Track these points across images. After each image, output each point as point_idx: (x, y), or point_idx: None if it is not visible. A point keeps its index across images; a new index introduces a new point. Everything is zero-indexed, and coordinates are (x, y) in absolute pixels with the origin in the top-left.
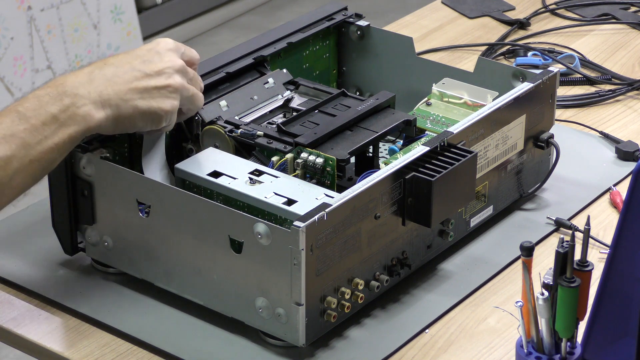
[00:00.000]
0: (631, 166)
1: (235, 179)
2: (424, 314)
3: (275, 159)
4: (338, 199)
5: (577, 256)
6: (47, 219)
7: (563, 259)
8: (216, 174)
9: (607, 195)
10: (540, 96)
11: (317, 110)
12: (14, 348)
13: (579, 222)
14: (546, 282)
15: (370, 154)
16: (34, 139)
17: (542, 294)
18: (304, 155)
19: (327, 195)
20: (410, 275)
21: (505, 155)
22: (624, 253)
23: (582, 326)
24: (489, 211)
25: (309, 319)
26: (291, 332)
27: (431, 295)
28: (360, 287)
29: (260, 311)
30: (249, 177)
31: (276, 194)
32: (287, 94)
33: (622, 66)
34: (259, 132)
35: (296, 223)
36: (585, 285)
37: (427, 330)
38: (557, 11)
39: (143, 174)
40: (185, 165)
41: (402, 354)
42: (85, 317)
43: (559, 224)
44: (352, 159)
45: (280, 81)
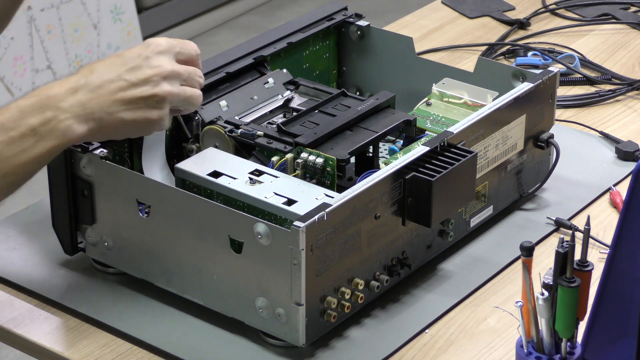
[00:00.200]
0: (631, 166)
1: (235, 179)
2: (424, 314)
3: (275, 159)
4: (338, 199)
5: (577, 256)
6: (47, 219)
7: (563, 259)
8: (216, 174)
9: (607, 195)
10: (540, 96)
11: (317, 110)
12: (14, 348)
13: (579, 222)
14: (546, 282)
15: (370, 154)
16: (11, 151)
17: (542, 294)
18: (304, 155)
19: (327, 195)
20: (410, 275)
21: (505, 155)
22: (624, 253)
23: (582, 326)
24: (489, 211)
25: (309, 319)
26: (291, 332)
27: (431, 295)
28: (360, 287)
29: (260, 311)
30: (249, 177)
31: (276, 194)
32: (287, 94)
33: (622, 66)
34: (259, 132)
35: (296, 223)
36: (585, 285)
37: (427, 330)
38: (557, 11)
39: (143, 174)
40: (185, 165)
41: (402, 354)
42: (85, 317)
43: (559, 224)
44: (352, 159)
45: (280, 81)
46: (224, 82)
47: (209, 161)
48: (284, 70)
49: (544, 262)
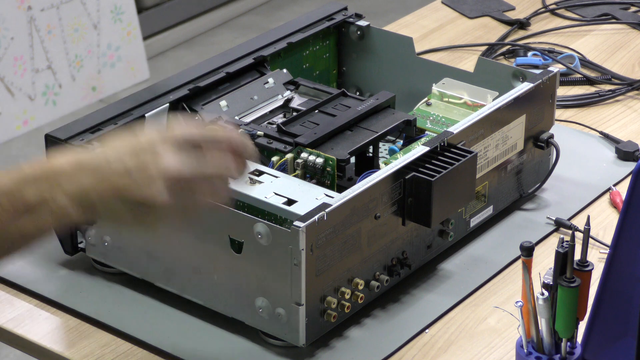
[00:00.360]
0: (631, 166)
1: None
2: (424, 314)
3: (275, 159)
4: (338, 199)
5: (577, 256)
6: None
7: (563, 259)
8: None
9: (607, 195)
10: (540, 96)
11: (317, 110)
12: (14, 348)
13: (579, 222)
14: (546, 282)
15: (370, 154)
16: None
17: (542, 294)
18: (304, 155)
19: (327, 195)
20: (410, 275)
21: (505, 155)
22: (624, 253)
23: (582, 326)
24: (489, 211)
25: (309, 319)
26: (291, 332)
27: (431, 295)
28: (360, 287)
29: (260, 311)
30: (249, 177)
31: (276, 194)
32: (287, 94)
33: (622, 66)
34: (259, 132)
35: (296, 223)
36: (585, 285)
37: (427, 330)
38: (557, 11)
39: None
40: None
41: (402, 354)
42: (85, 317)
43: (559, 224)
44: (352, 159)
45: (280, 81)
46: (224, 82)
47: None
48: (284, 70)
49: (544, 262)
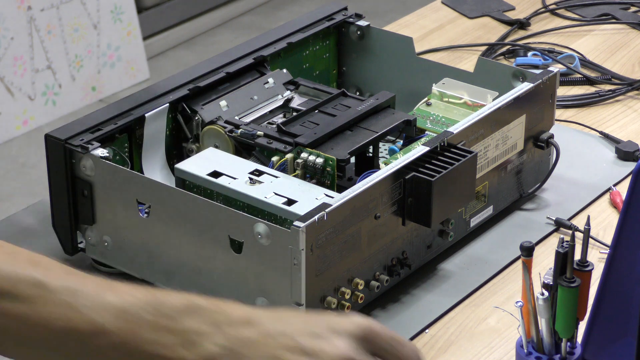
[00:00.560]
0: (631, 166)
1: (235, 179)
2: (424, 314)
3: (275, 159)
4: (338, 199)
5: (577, 256)
6: (47, 219)
7: (563, 259)
8: (216, 174)
9: (607, 195)
10: (540, 96)
11: (317, 110)
12: None
13: (579, 222)
14: (546, 282)
15: (370, 154)
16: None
17: (542, 294)
18: (304, 155)
19: (327, 195)
20: (410, 275)
21: (505, 155)
22: (624, 253)
23: (582, 326)
24: (489, 211)
25: None
26: None
27: (431, 295)
28: (360, 287)
29: None
30: (249, 177)
31: (276, 194)
32: (287, 94)
33: (622, 66)
34: (259, 132)
35: (296, 223)
36: (585, 285)
37: (427, 330)
38: (557, 11)
39: (143, 174)
40: (185, 165)
41: None
42: None
43: (559, 224)
44: (352, 159)
45: (280, 81)
46: (224, 82)
47: (209, 161)
48: (284, 70)
49: (544, 262)
